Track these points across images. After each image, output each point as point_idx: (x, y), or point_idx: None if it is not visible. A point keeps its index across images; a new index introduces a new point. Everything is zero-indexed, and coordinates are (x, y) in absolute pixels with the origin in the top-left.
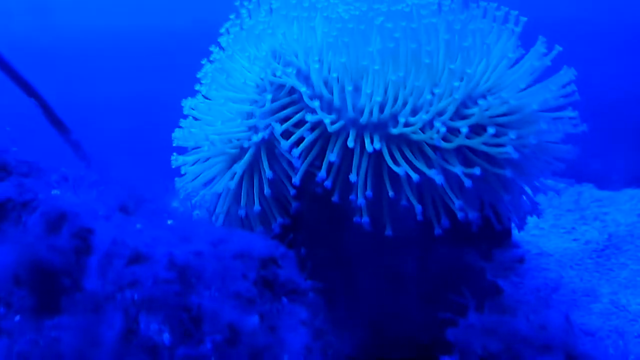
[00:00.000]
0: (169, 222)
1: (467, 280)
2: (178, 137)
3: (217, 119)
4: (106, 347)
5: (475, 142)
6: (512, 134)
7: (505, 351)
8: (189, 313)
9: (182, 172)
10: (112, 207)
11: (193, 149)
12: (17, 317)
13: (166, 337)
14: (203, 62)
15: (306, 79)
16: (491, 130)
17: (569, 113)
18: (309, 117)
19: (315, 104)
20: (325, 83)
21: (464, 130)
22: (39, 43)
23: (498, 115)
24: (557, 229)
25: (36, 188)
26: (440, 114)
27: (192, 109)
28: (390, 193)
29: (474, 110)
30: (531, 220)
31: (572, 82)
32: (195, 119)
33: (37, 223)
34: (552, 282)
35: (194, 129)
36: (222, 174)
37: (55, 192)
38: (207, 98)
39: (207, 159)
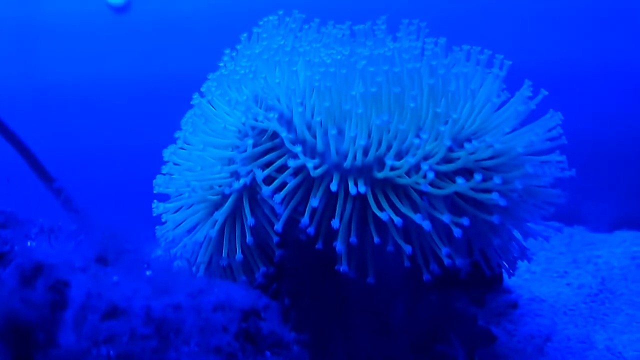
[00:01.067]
0: (148, 273)
1: (458, 327)
2: (159, 183)
3: (198, 165)
4: None
5: (464, 188)
6: (497, 179)
7: None
8: None
9: (163, 220)
10: (89, 258)
11: (175, 196)
12: None
13: None
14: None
15: (288, 123)
16: (478, 176)
17: (556, 157)
18: (292, 162)
19: (298, 148)
20: (308, 127)
21: (460, 181)
22: (22, 90)
23: (484, 159)
24: (550, 273)
25: (13, 240)
26: (426, 157)
27: (173, 154)
28: (376, 239)
29: (460, 154)
30: (522, 263)
31: (558, 126)
32: (176, 164)
33: (12, 275)
34: (545, 328)
35: (174, 175)
36: (203, 222)
37: (31, 243)
38: (187, 144)
39: (189, 206)
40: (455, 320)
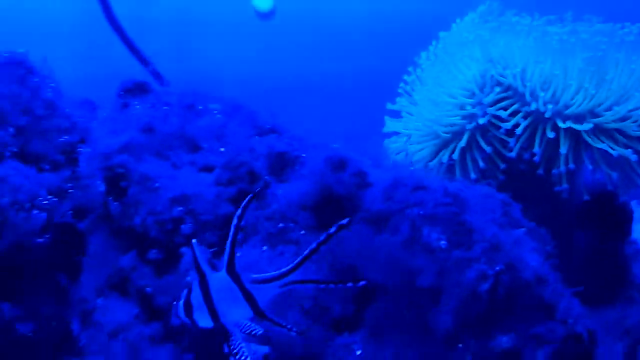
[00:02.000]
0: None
1: None
2: (391, 124)
3: (433, 109)
4: (392, 247)
5: None
6: None
7: None
8: (463, 227)
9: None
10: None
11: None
12: (302, 231)
13: (443, 243)
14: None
15: (522, 79)
16: None
17: None
18: (526, 108)
19: (529, 99)
20: (536, 84)
21: None
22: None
23: None
24: None
25: (300, 149)
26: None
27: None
28: (589, 166)
29: None
30: None
31: None
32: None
33: (322, 165)
34: None
35: (412, 117)
36: (433, 155)
37: (335, 145)
38: (423, 92)
39: (420, 142)
40: None
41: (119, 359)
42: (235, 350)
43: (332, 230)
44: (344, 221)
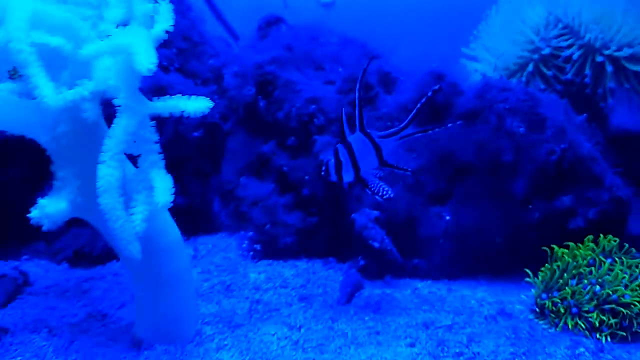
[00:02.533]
0: None
1: None
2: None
3: (505, 45)
4: (482, 134)
5: None
6: None
7: None
8: (537, 117)
9: None
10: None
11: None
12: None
13: (522, 130)
14: None
15: (574, 20)
16: None
17: None
18: (578, 42)
19: (582, 33)
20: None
21: None
22: None
23: None
24: None
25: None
26: None
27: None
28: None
29: None
30: None
31: None
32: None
33: (426, 76)
34: None
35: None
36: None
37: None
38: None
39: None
40: None
41: (257, 222)
42: (376, 190)
43: (430, 93)
44: (437, 87)
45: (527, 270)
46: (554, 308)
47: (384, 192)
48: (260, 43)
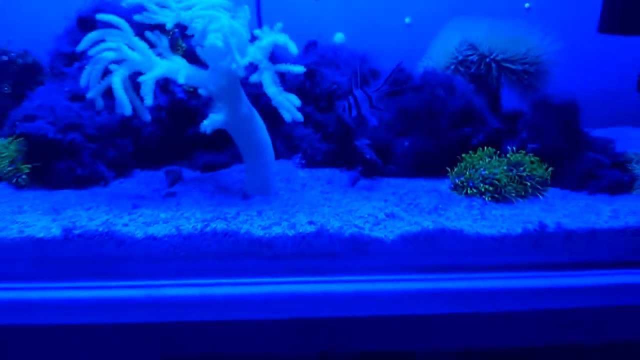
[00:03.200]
0: None
1: None
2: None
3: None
4: (424, 97)
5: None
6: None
7: None
8: (451, 87)
9: None
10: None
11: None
12: None
13: (442, 94)
14: None
15: (476, 42)
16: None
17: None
18: (478, 53)
19: (480, 50)
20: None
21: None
22: None
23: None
24: None
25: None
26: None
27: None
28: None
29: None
30: None
31: None
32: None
33: (394, 69)
34: None
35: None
36: None
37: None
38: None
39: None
40: None
41: (303, 148)
42: (369, 120)
43: (394, 67)
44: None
45: (448, 169)
46: (460, 185)
47: (373, 121)
48: (305, 54)
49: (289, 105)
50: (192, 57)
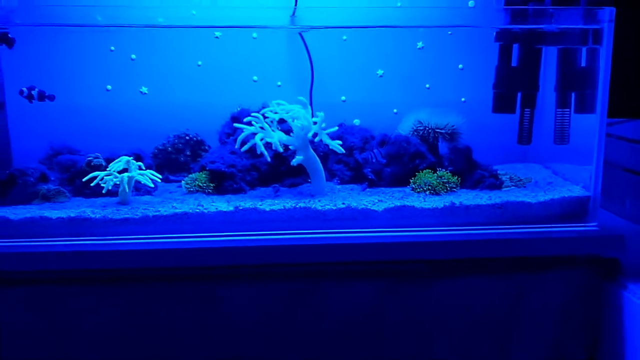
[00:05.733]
0: None
1: None
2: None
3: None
4: (396, 148)
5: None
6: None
7: None
8: (408, 143)
9: None
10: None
11: None
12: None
13: (405, 144)
14: None
15: (425, 121)
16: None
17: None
18: (424, 128)
19: (426, 123)
20: (431, 122)
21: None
22: None
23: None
24: None
25: (372, 136)
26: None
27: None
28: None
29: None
30: None
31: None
32: None
33: (380, 134)
34: None
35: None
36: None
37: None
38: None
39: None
40: None
41: (337, 174)
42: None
43: (382, 135)
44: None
45: (410, 181)
46: (415, 188)
47: (381, 160)
48: (339, 128)
49: (338, 147)
50: (285, 131)
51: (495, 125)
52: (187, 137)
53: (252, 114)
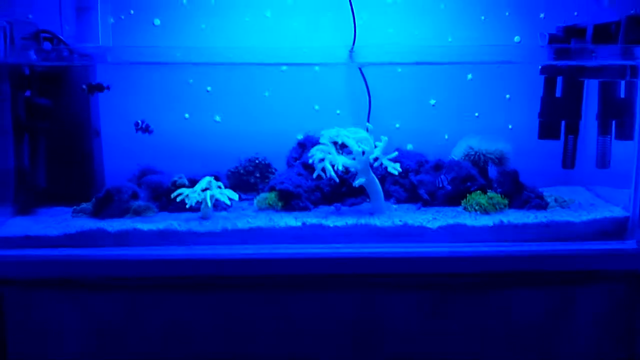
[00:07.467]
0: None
1: None
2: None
3: (457, 153)
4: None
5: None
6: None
7: None
8: (459, 166)
9: None
10: None
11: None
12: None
13: (457, 167)
14: None
15: (475, 147)
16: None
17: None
18: (474, 150)
19: (475, 149)
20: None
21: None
22: None
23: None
24: None
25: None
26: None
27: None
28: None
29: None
30: None
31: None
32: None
33: (434, 160)
34: None
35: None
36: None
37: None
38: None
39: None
40: None
41: (394, 195)
42: (439, 185)
43: (433, 162)
44: (436, 160)
45: (462, 201)
46: (467, 207)
47: (447, 186)
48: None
49: (398, 169)
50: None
51: (541, 150)
52: (257, 161)
53: (321, 142)
